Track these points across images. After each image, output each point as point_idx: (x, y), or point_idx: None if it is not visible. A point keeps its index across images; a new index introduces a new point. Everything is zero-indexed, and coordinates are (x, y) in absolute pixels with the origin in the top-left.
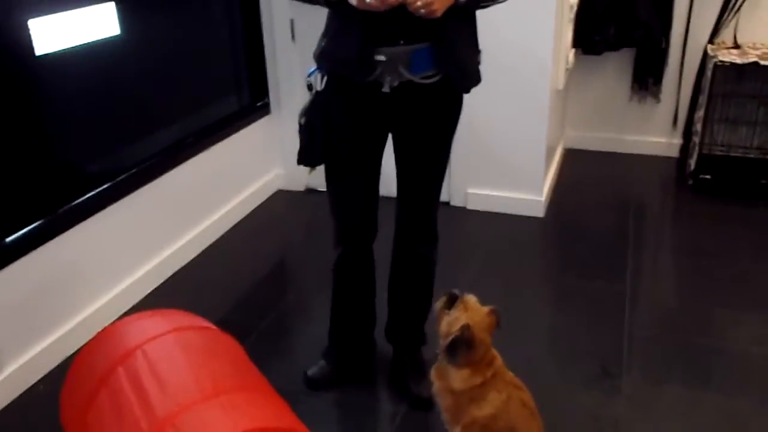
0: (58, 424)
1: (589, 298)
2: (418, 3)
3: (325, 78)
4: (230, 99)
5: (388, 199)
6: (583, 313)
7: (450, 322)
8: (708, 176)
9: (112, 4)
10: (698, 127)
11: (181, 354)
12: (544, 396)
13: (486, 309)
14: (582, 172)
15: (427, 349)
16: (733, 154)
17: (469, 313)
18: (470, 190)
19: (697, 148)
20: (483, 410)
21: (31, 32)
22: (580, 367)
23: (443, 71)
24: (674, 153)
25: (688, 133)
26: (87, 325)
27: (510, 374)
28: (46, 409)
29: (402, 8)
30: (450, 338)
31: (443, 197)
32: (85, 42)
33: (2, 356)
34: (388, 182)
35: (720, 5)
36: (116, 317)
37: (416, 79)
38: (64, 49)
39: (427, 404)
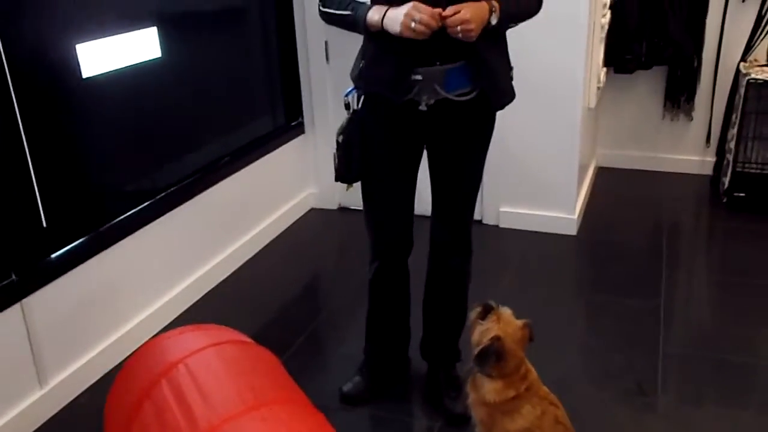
0: None
1: (623, 316)
2: (458, 28)
3: (362, 98)
4: (265, 119)
5: (422, 217)
6: (617, 331)
7: (482, 332)
8: (742, 194)
9: (154, 29)
10: (731, 144)
11: (222, 367)
12: (579, 413)
13: (520, 322)
14: (615, 190)
15: (461, 365)
16: None
17: (501, 324)
18: (503, 209)
19: (730, 165)
20: (516, 424)
21: (79, 56)
22: (614, 384)
23: (478, 88)
24: (708, 171)
25: (721, 151)
26: (127, 340)
27: (545, 389)
28: (88, 421)
29: (439, 31)
30: (480, 347)
31: (476, 216)
32: (128, 65)
33: (46, 370)
34: (422, 201)
35: (752, 23)
36: (155, 332)
37: (451, 96)
38: (108, 72)
39: (462, 419)
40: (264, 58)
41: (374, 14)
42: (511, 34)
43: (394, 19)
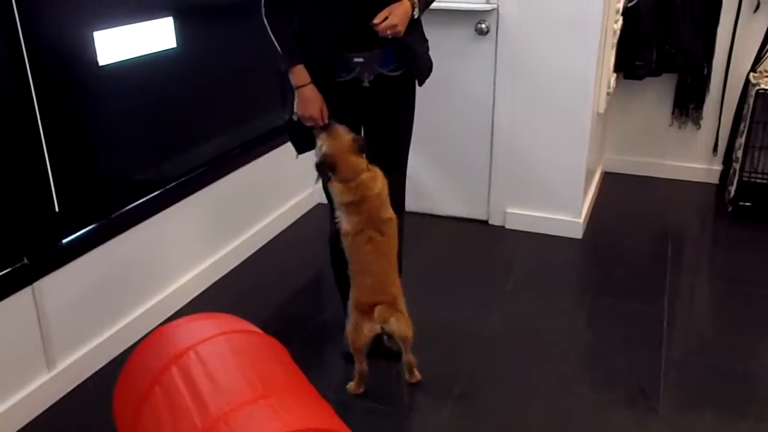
0: (106, 420)
1: (627, 320)
2: (388, 30)
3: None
4: (275, 113)
5: (431, 216)
6: (620, 335)
7: (318, 147)
8: (748, 203)
9: (170, 19)
10: (738, 154)
11: (232, 355)
12: (581, 415)
13: (350, 137)
14: (621, 196)
15: None
16: None
17: (331, 140)
18: (509, 210)
19: (737, 175)
20: (345, 227)
21: (96, 44)
22: (617, 387)
23: (404, 66)
24: (714, 179)
25: (728, 160)
26: (136, 327)
27: (384, 213)
28: (95, 405)
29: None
30: (315, 163)
31: (482, 216)
32: (144, 54)
33: (55, 353)
34: (425, 199)
35: (763, 34)
36: (163, 320)
37: (386, 72)
38: (124, 60)
39: (396, 355)
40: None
41: (296, 78)
42: (523, 36)
43: (301, 100)
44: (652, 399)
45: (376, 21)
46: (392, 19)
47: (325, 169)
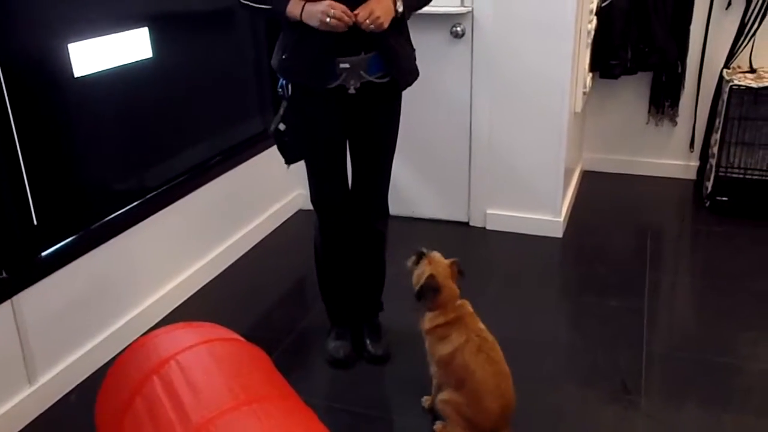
0: None
1: (608, 317)
2: (368, 21)
3: (290, 86)
4: (255, 120)
5: (411, 219)
6: (602, 332)
7: (418, 274)
8: (725, 198)
9: (146, 29)
10: (714, 149)
11: (213, 364)
12: (564, 412)
13: (448, 261)
14: (600, 194)
15: (383, 315)
16: (750, 177)
17: (432, 265)
18: (489, 211)
19: (713, 170)
20: (445, 348)
21: (71, 55)
22: (599, 384)
23: (390, 73)
24: (691, 175)
25: (704, 156)
26: (117, 338)
27: (479, 325)
28: (78, 418)
29: (357, 28)
30: (418, 286)
31: (462, 218)
32: (120, 64)
33: (35, 367)
34: (405, 202)
35: (735, 30)
36: (145, 330)
37: (373, 79)
38: (100, 71)
39: (381, 360)
40: (253, 59)
41: (293, 8)
42: (498, 38)
43: (312, 14)
44: (634, 393)
45: (357, 11)
46: (375, 11)
47: (429, 292)
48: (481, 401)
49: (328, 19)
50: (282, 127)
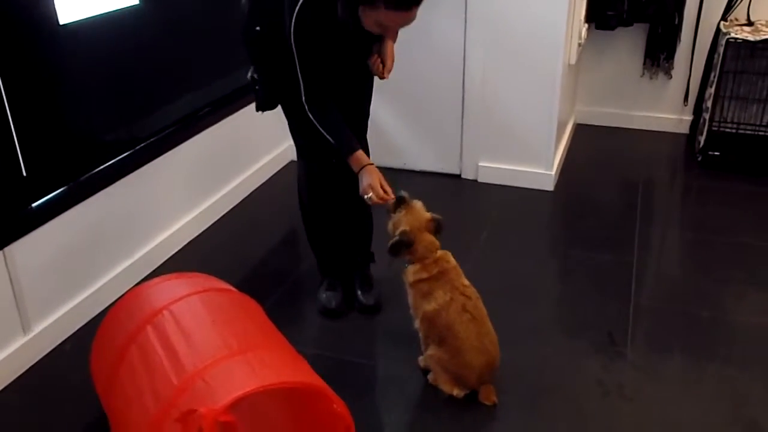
0: (85, 381)
1: (597, 270)
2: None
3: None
4: (244, 71)
5: (403, 171)
6: (590, 284)
7: (394, 223)
8: (717, 153)
9: None
10: (708, 103)
11: (206, 314)
12: (552, 362)
13: (428, 215)
14: (592, 147)
15: (374, 266)
16: (743, 132)
17: (409, 217)
18: (481, 163)
19: (706, 124)
20: (430, 305)
21: (55, 2)
22: (586, 334)
23: None
24: (684, 129)
25: (698, 110)
26: (110, 288)
27: (463, 282)
28: (72, 366)
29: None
30: (391, 241)
31: (454, 170)
32: (106, 12)
33: (29, 317)
34: (395, 155)
35: None
36: (137, 281)
37: None
38: (86, 19)
39: (372, 309)
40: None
41: (358, 159)
42: None
43: (363, 178)
44: (621, 345)
45: (376, 72)
46: (389, 64)
47: (402, 247)
48: (464, 357)
49: (367, 197)
50: (256, 75)
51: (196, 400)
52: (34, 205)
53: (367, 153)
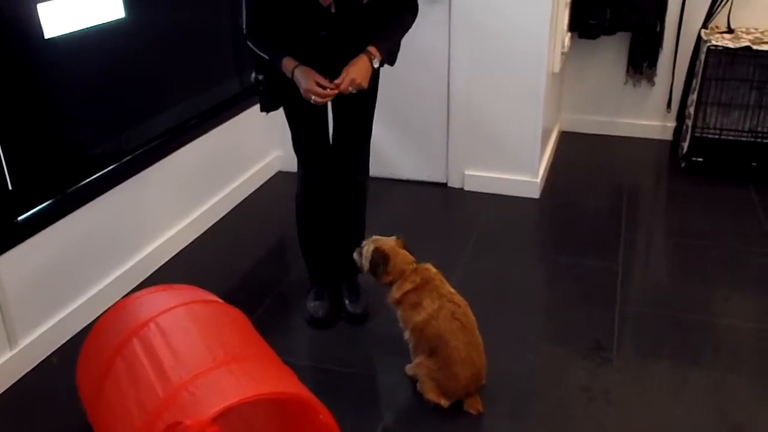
0: (71, 395)
1: (583, 276)
2: (350, 88)
3: None
4: (232, 80)
5: (390, 180)
6: (576, 290)
7: (364, 253)
8: (700, 159)
9: None
10: (691, 110)
11: (192, 325)
12: (539, 369)
13: (392, 238)
14: (577, 155)
15: (362, 276)
16: (725, 137)
17: (376, 242)
18: (467, 172)
19: (690, 131)
20: (419, 316)
21: (40, 16)
22: (573, 341)
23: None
24: (668, 136)
25: (681, 117)
26: (97, 301)
27: (449, 289)
28: (59, 380)
29: (340, 51)
30: (368, 263)
31: (441, 178)
32: (92, 25)
33: (16, 330)
34: (387, 164)
35: None
36: (125, 293)
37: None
38: (71, 33)
39: (360, 318)
40: (230, 18)
41: (286, 66)
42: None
43: (298, 82)
44: (607, 350)
45: (337, 82)
46: (355, 78)
47: (379, 263)
48: (452, 368)
49: (311, 99)
50: (261, 77)
51: (181, 412)
52: (20, 218)
53: (366, 172)
